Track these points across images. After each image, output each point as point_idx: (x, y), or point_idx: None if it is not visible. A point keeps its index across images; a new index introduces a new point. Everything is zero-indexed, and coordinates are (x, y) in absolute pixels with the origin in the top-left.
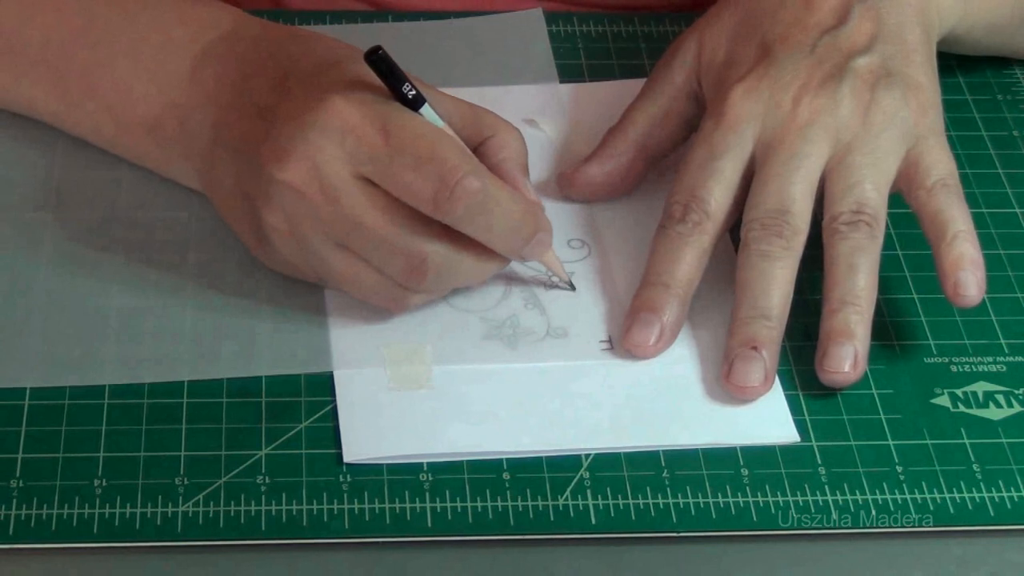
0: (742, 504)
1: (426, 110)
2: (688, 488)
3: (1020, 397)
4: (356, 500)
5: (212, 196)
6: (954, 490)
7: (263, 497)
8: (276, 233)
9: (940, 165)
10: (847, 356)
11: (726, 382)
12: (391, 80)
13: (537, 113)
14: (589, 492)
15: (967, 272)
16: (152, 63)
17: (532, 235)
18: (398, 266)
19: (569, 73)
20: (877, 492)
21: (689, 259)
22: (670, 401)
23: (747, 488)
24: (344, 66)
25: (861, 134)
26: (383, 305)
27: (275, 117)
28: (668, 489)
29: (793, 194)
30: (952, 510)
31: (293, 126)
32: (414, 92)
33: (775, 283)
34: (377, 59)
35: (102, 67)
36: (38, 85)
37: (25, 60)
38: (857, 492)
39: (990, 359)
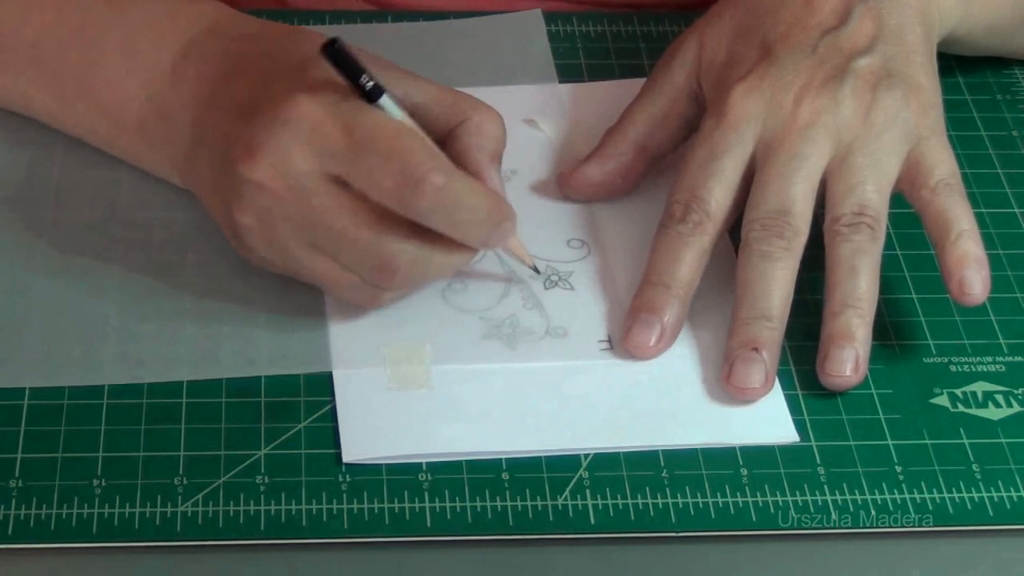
0: (741, 504)
1: (385, 102)
2: (687, 488)
3: (1019, 397)
4: (355, 500)
5: (198, 195)
6: (953, 490)
7: (262, 497)
8: (249, 232)
9: (942, 165)
10: (848, 359)
11: (727, 383)
12: (347, 72)
13: (537, 113)
14: (588, 492)
15: (972, 270)
16: (143, 61)
17: (497, 225)
18: (367, 266)
19: (569, 73)
20: (876, 492)
21: (689, 259)
22: (669, 401)
23: (746, 488)
24: (318, 64)
25: (862, 135)
26: (357, 303)
27: (251, 115)
28: (667, 489)
29: (794, 195)
30: (951, 510)
31: (262, 125)
32: (371, 84)
33: (776, 284)
34: (333, 51)
35: (96, 66)
36: (34, 84)
37: (22, 59)
38: (856, 492)
39: (989, 359)
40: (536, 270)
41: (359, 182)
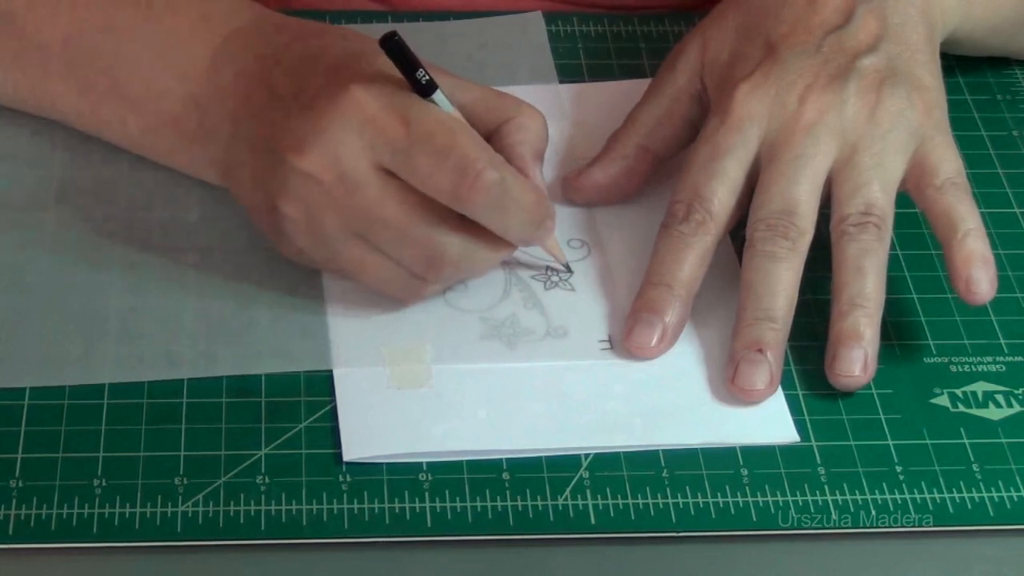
0: (742, 504)
1: (438, 97)
2: (688, 488)
3: (1020, 397)
4: (356, 500)
5: (233, 189)
6: (954, 490)
7: (263, 497)
8: (292, 224)
9: (948, 163)
10: (858, 359)
11: (731, 385)
12: (404, 66)
13: None
14: (588, 492)
15: (979, 269)
16: (174, 58)
17: (541, 223)
18: (416, 258)
19: (569, 73)
20: (877, 492)
21: (692, 260)
22: (669, 401)
23: (747, 488)
24: (365, 58)
25: (867, 134)
26: (397, 296)
27: (294, 109)
28: (668, 489)
29: (798, 195)
30: (952, 510)
31: (313, 117)
32: (427, 78)
33: (780, 284)
34: (392, 44)
35: (125, 64)
36: (63, 83)
37: (48, 60)
38: (857, 492)
39: (990, 359)
40: (569, 269)
41: (413, 175)
